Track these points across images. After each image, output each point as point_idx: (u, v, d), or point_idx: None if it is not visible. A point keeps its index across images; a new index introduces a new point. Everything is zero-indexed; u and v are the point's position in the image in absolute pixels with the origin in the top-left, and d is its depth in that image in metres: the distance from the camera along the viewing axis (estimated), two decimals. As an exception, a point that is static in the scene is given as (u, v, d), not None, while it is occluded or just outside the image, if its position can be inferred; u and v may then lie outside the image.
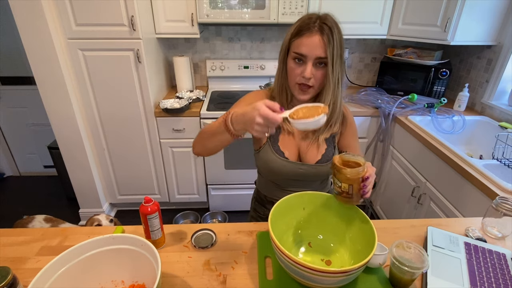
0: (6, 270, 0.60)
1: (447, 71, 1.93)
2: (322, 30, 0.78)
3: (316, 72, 0.82)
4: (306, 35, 0.78)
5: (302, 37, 0.79)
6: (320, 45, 0.78)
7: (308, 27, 0.78)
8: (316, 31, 0.78)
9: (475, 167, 1.26)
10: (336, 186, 0.71)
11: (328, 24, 0.78)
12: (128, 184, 2.14)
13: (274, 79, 0.93)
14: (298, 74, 0.82)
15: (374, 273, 0.74)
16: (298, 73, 0.82)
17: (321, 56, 0.79)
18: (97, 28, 1.64)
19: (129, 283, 0.70)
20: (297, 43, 0.80)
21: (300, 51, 0.80)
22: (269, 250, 0.81)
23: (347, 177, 0.67)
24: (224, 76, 2.29)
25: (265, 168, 0.96)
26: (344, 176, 0.67)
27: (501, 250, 0.81)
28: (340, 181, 0.69)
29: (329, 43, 0.78)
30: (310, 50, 0.79)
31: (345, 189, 0.69)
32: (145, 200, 0.78)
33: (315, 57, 0.79)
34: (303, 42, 0.79)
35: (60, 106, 1.77)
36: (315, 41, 0.78)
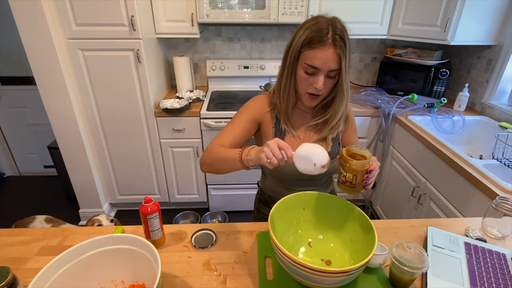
0: (6, 270, 0.60)
1: (447, 71, 1.93)
2: (335, 42, 0.77)
3: (327, 82, 0.82)
4: (319, 48, 0.77)
5: (314, 50, 0.78)
6: (334, 58, 0.78)
7: (321, 39, 0.77)
8: (330, 44, 0.77)
9: (475, 167, 1.26)
10: (341, 176, 0.74)
11: (341, 35, 0.78)
12: (128, 184, 2.14)
13: (277, 83, 0.91)
14: (310, 84, 0.82)
15: (374, 273, 0.74)
16: (309, 84, 0.82)
17: (334, 68, 0.79)
18: (97, 28, 1.64)
19: (129, 283, 0.70)
20: (309, 55, 0.79)
21: (313, 64, 0.79)
22: (269, 250, 0.81)
23: (352, 168, 0.70)
24: (224, 76, 2.29)
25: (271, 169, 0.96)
26: (349, 167, 0.71)
27: (501, 250, 0.81)
28: (345, 171, 0.72)
29: (343, 56, 0.78)
30: (323, 63, 0.78)
31: (349, 179, 0.72)
32: (145, 200, 0.78)
33: (328, 70, 0.79)
34: (317, 55, 0.78)
35: (60, 106, 1.77)
36: (329, 54, 0.77)
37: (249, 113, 0.93)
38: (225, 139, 0.89)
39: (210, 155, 0.85)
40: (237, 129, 0.91)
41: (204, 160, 0.87)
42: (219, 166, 0.83)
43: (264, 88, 2.04)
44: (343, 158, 0.72)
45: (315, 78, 0.81)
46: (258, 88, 2.20)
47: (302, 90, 0.86)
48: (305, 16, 1.87)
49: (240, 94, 2.21)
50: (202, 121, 1.91)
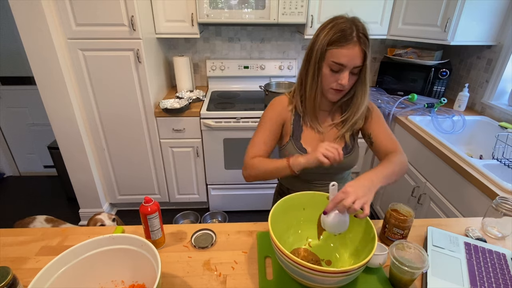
0: (6, 270, 0.60)
1: (447, 71, 1.93)
2: (360, 40, 0.82)
3: (351, 78, 0.87)
4: (346, 47, 0.81)
5: (342, 48, 0.82)
6: (359, 55, 0.82)
7: (347, 38, 0.81)
8: (355, 42, 0.81)
9: (475, 167, 1.26)
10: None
11: (364, 33, 0.83)
12: (128, 184, 2.14)
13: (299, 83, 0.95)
14: (335, 80, 0.86)
15: (374, 273, 0.74)
16: (334, 80, 0.87)
17: (358, 65, 0.84)
18: (97, 28, 1.64)
19: (129, 283, 0.70)
20: (336, 53, 0.83)
21: (340, 61, 0.83)
22: (269, 250, 0.81)
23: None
24: (224, 76, 2.29)
25: None
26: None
27: (501, 250, 0.81)
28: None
29: (368, 52, 0.83)
30: (349, 60, 0.82)
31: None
32: (145, 200, 0.78)
33: (353, 66, 0.84)
34: (344, 53, 0.82)
35: (60, 106, 1.77)
36: (355, 52, 0.82)
37: (273, 116, 0.98)
38: (259, 149, 0.96)
39: (255, 171, 0.92)
40: (267, 137, 0.97)
41: (249, 174, 0.95)
42: (267, 177, 0.92)
43: (264, 88, 2.04)
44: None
45: (340, 74, 0.85)
46: (258, 88, 2.20)
47: (326, 86, 0.89)
48: (305, 16, 1.87)
49: (240, 94, 2.21)
50: (202, 121, 1.91)
